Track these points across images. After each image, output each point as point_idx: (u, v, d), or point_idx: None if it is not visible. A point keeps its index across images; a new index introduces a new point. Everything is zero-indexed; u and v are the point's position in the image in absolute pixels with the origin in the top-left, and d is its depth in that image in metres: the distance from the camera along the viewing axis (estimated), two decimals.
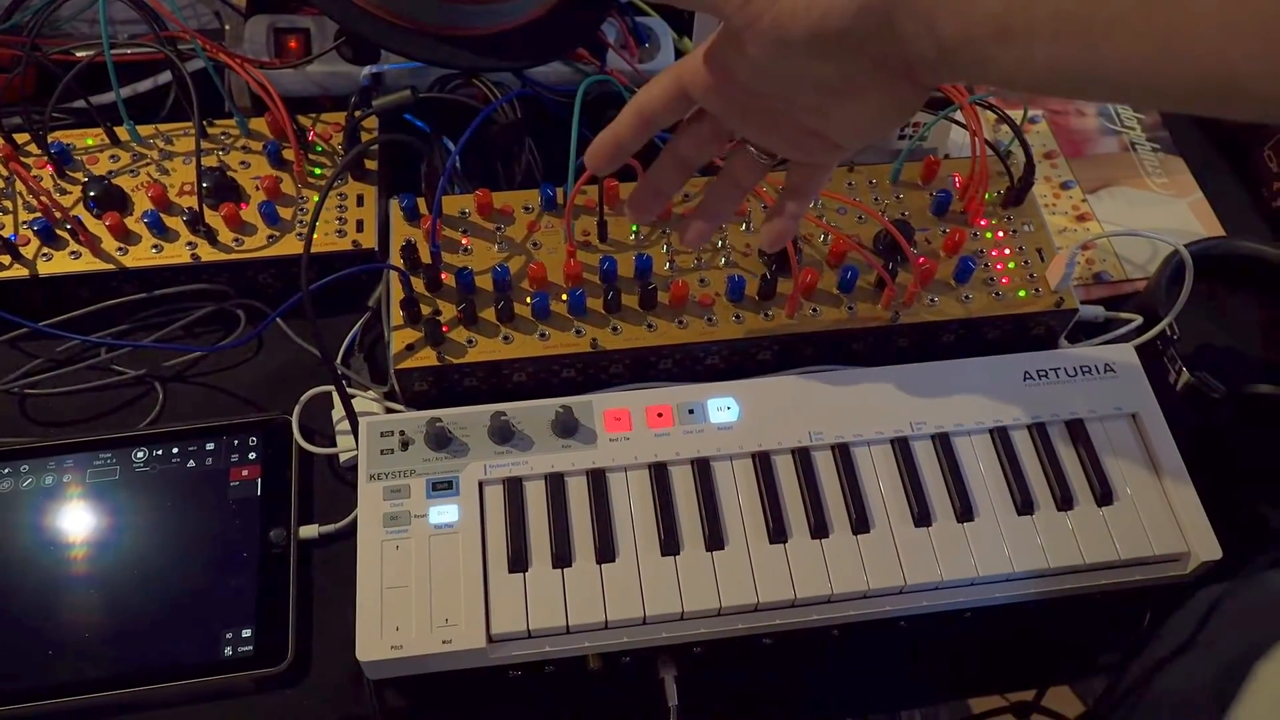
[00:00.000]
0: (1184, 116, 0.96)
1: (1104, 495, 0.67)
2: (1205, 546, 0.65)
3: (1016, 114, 0.79)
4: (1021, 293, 0.74)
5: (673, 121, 0.56)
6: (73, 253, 0.75)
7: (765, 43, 0.45)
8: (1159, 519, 0.66)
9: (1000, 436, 0.69)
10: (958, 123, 0.81)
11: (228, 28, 0.88)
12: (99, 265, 0.75)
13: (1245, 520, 0.71)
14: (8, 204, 0.77)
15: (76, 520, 0.68)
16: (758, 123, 0.53)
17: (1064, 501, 0.67)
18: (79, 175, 0.79)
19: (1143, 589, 0.67)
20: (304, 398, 0.73)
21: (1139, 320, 0.76)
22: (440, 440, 0.66)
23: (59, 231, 0.76)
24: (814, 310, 0.72)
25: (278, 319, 0.73)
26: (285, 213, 0.78)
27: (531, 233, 0.75)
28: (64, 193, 0.78)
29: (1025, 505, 0.66)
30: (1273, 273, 0.83)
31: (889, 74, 0.46)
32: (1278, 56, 0.34)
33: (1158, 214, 0.89)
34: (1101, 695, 0.68)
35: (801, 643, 0.66)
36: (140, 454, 0.71)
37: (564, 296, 0.72)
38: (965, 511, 0.66)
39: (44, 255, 0.75)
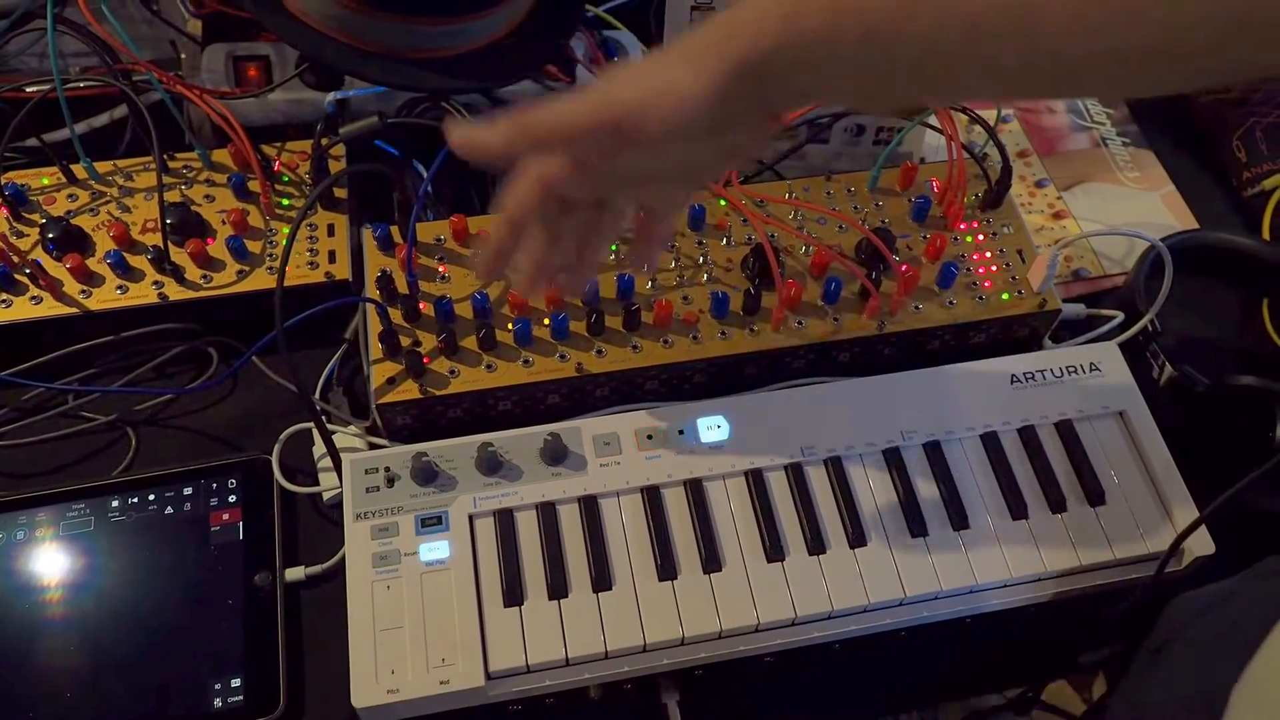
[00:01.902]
0: (1153, 110, 0.97)
1: (1095, 495, 0.67)
2: (1199, 542, 0.65)
3: (989, 115, 0.79)
4: (1005, 295, 0.74)
5: (546, 218, 0.53)
6: (33, 298, 0.73)
7: (634, 154, 0.48)
8: (1151, 516, 0.66)
9: (991, 442, 0.69)
10: (932, 127, 0.80)
11: (184, 57, 0.86)
12: (62, 309, 0.73)
13: (1236, 513, 0.72)
14: None
15: (52, 574, 0.66)
16: (629, 195, 0.55)
17: (1056, 504, 0.67)
18: (36, 217, 0.77)
19: (1140, 585, 0.67)
20: (283, 436, 0.71)
21: (1120, 317, 0.77)
22: (427, 475, 0.64)
23: (18, 276, 0.74)
24: (799, 323, 0.72)
25: (252, 356, 0.71)
26: (254, 246, 0.76)
27: None
28: (21, 235, 0.76)
29: (1018, 510, 0.66)
30: (1248, 263, 0.84)
31: (764, 129, 0.52)
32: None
33: (1131, 208, 0.90)
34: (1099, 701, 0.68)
35: (803, 658, 0.65)
36: (115, 503, 0.69)
37: (546, 321, 0.70)
38: (960, 520, 0.66)
39: (3, 302, 0.73)
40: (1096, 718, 0.76)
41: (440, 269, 0.73)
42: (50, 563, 0.67)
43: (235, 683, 0.63)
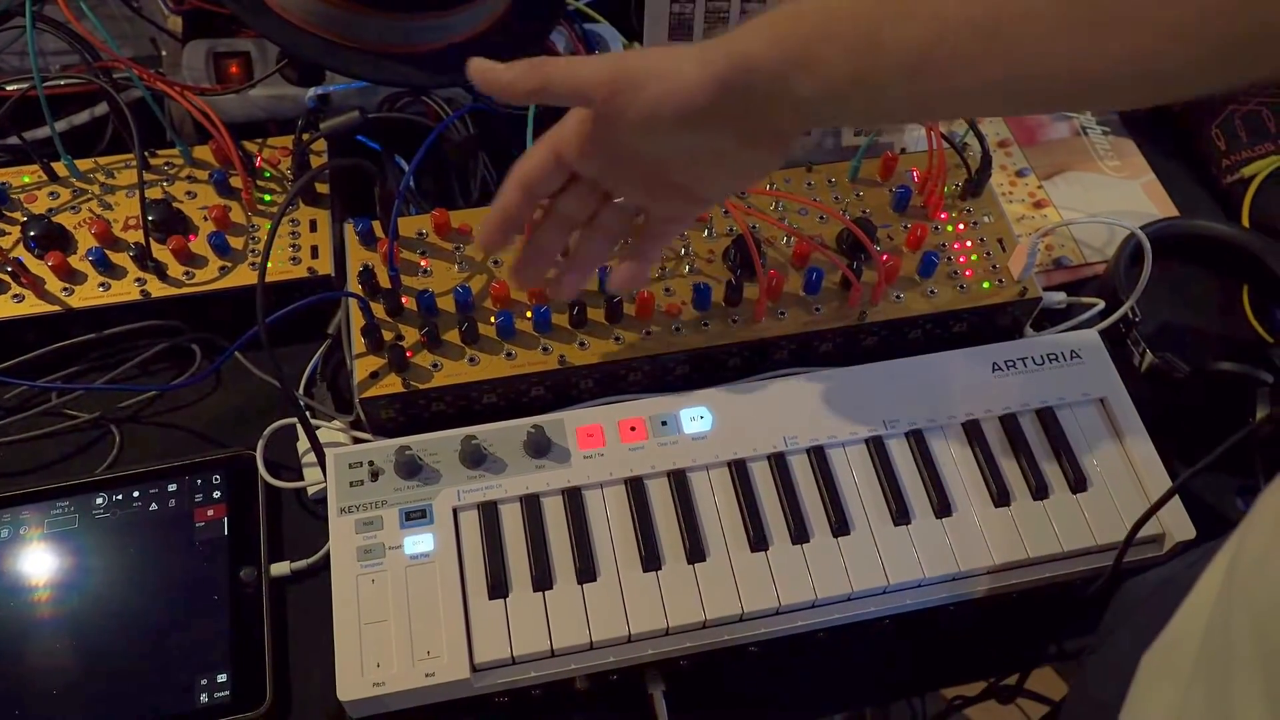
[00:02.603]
0: None
1: (1077, 482, 0.67)
2: (1180, 528, 0.66)
3: None
4: (985, 284, 0.74)
5: (554, 188, 0.57)
6: (15, 296, 0.73)
7: (634, 128, 0.50)
8: (1133, 503, 0.67)
9: (973, 429, 0.69)
10: None
11: (165, 54, 0.86)
12: (44, 307, 0.73)
13: (1215, 498, 0.72)
14: None
15: (37, 573, 0.66)
16: (631, 184, 0.56)
17: (1039, 490, 0.67)
18: (17, 215, 0.76)
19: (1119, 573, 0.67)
20: (267, 431, 0.71)
21: (1101, 304, 0.77)
22: (411, 468, 0.64)
23: None
24: (781, 313, 0.72)
25: (235, 352, 0.71)
26: (236, 242, 0.76)
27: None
28: (2, 234, 0.75)
29: (1001, 497, 0.67)
30: (1227, 250, 0.84)
31: (753, 137, 0.51)
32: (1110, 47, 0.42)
33: (1112, 196, 0.90)
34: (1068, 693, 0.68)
35: (788, 647, 0.65)
36: (100, 500, 0.69)
37: (529, 314, 0.71)
38: (943, 507, 0.66)
39: None
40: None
41: (422, 263, 0.73)
42: (35, 561, 0.66)
43: (221, 678, 0.63)
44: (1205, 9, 0.40)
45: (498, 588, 0.62)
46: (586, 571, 0.63)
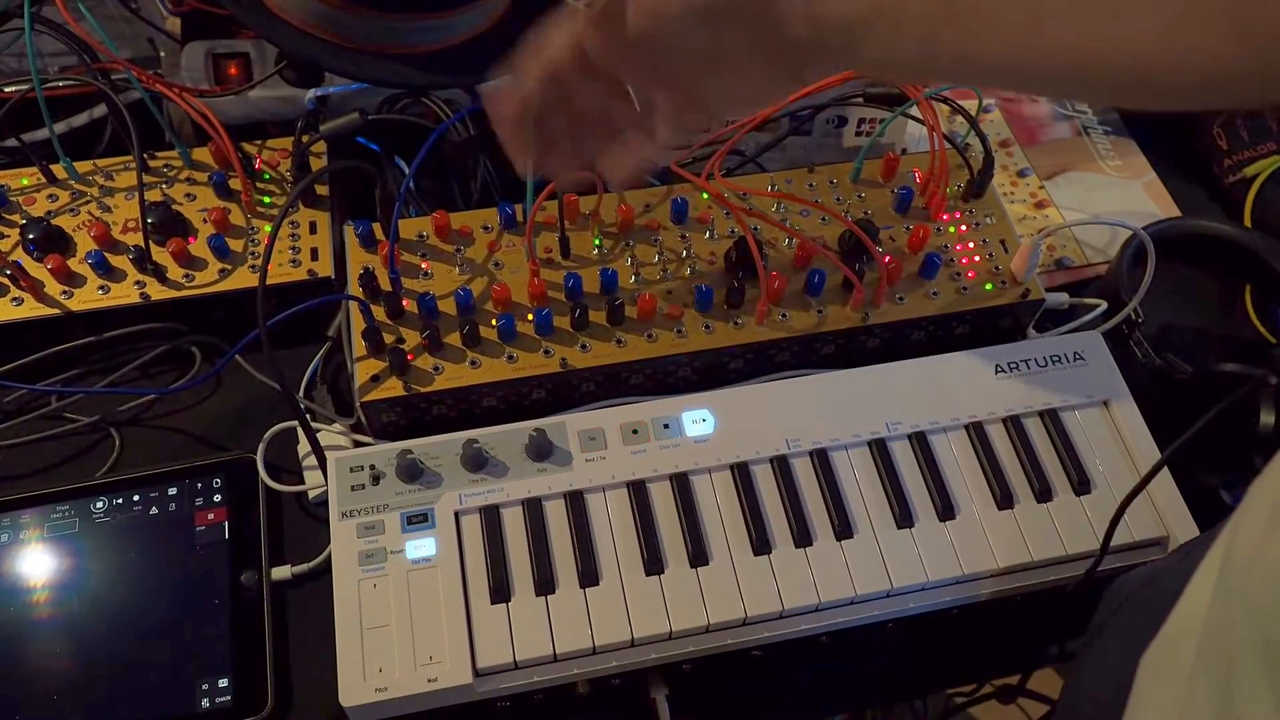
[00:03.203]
0: None
1: (1081, 484, 0.67)
2: (1184, 530, 0.65)
3: (971, 104, 0.79)
4: (988, 285, 0.74)
5: (574, 80, 0.54)
6: (14, 299, 0.73)
7: (644, 16, 0.48)
8: (1137, 505, 0.66)
9: (976, 432, 0.69)
10: (914, 118, 0.80)
11: (163, 55, 0.86)
12: (43, 310, 0.72)
13: (1217, 500, 0.72)
14: None
15: (37, 577, 0.66)
16: (642, 77, 0.53)
17: (1042, 493, 0.67)
18: (16, 217, 0.76)
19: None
20: (268, 435, 0.71)
21: (1104, 306, 0.77)
22: (412, 472, 0.64)
23: None
24: (783, 315, 0.72)
25: (236, 355, 0.71)
26: (236, 245, 0.76)
27: (492, 253, 0.74)
28: (1, 237, 0.75)
29: (1005, 500, 0.66)
30: (1230, 250, 0.84)
31: (764, 51, 0.48)
32: (1124, 28, 0.38)
33: (1113, 197, 0.90)
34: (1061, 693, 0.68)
35: (791, 651, 0.65)
36: (100, 504, 0.69)
37: (530, 316, 0.70)
38: (947, 510, 0.66)
39: None
40: None
41: (423, 265, 0.73)
42: (35, 565, 0.66)
43: (223, 683, 0.63)
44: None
45: (500, 592, 0.61)
46: (589, 575, 0.62)
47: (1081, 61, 0.40)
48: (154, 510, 0.69)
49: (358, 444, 0.70)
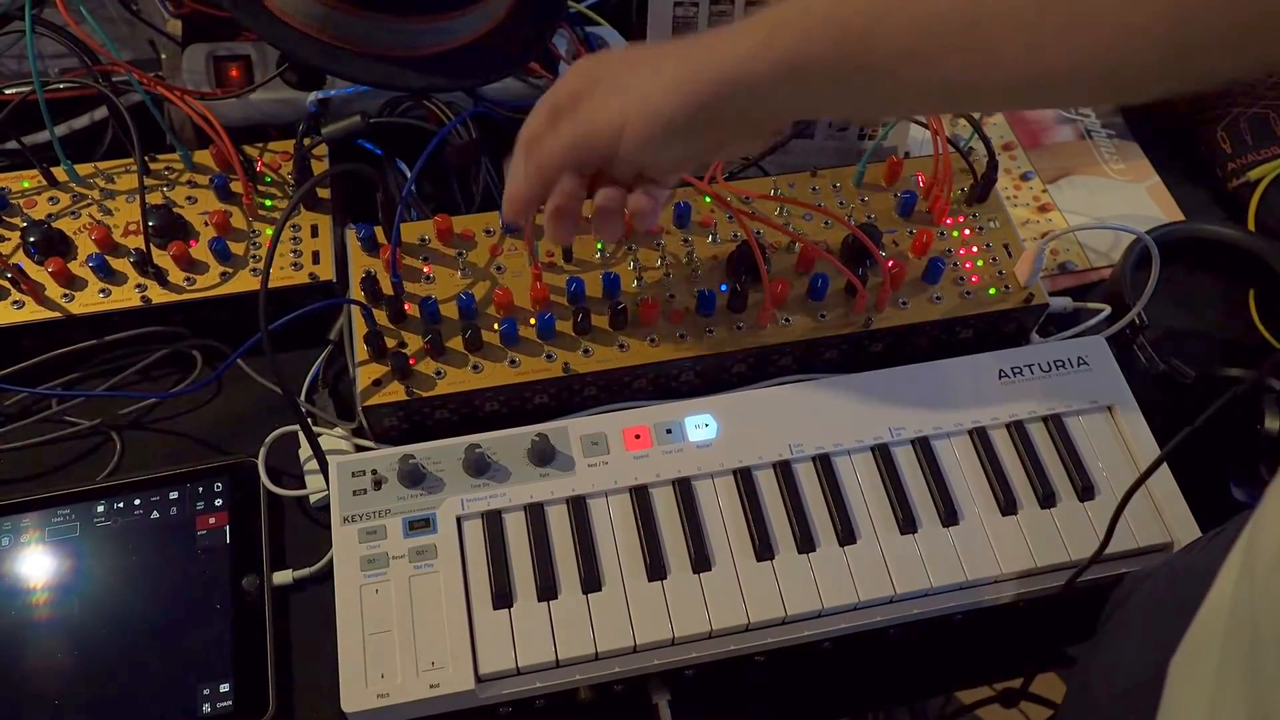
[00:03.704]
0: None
1: (1085, 490, 0.67)
2: (1188, 535, 0.65)
3: None
4: (992, 290, 0.73)
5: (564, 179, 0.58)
6: (15, 302, 0.72)
7: (630, 147, 0.53)
8: (1141, 510, 0.66)
9: (980, 437, 0.68)
10: (918, 122, 0.80)
11: (164, 58, 0.85)
12: (44, 314, 0.72)
13: (1222, 505, 0.72)
14: None
15: (38, 581, 0.66)
16: (637, 180, 0.59)
17: (1046, 499, 0.67)
18: (16, 220, 0.76)
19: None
20: (269, 439, 0.70)
21: (1107, 310, 0.76)
22: (414, 477, 0.64)
23: None
24: (786, 320, 0.71)
25: (238, 359, 0.71)
26: (237, 248, 0.76)
27: (495, 256, 0.74)
28: (1, 239, 0.75)
29: (1009, 505, 0.66)
30: (1234, 254, 0.84)
31: (747, 133, 0.55)
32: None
33: (1117, 200, 0.90)
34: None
35: (794, 657, 0.65)
36: (100, 508, 0.68)
37: (532, 321, 0.70)
38: (950, 516, 0.65)
39: None
40: None
41: (425, 269, 0.73)
42: (36, 569, 0.66)
43: (224, 687, 0.63)
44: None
45: (502, 597, 0.61)
46: (591, 581, 0.62)
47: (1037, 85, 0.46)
48: (155, 514, 0.68)
49: (359, 448, 0.70)
